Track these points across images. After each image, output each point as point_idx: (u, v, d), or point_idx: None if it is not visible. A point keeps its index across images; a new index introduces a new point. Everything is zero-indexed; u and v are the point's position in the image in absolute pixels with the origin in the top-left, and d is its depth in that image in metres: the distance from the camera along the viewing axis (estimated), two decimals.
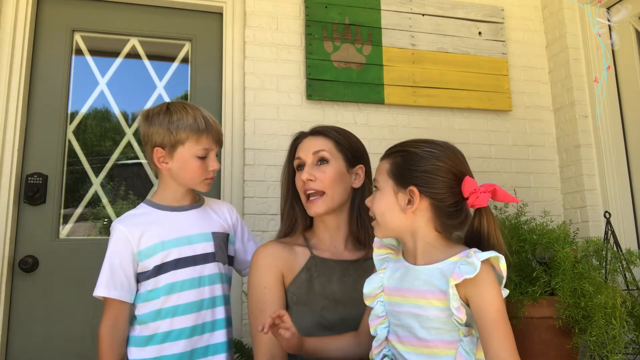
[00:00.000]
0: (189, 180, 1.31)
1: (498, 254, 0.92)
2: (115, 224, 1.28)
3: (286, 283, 1.28)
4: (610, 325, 1.27)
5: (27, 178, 1.95)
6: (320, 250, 1.32)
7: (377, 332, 1.04)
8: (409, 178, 1.00)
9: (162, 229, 1.28)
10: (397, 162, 1.03)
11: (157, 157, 1.29)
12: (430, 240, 1.01)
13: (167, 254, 1.26)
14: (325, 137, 1.33)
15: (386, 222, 1.03)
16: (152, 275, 1.25)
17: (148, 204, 1.33)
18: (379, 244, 1.11)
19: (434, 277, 0.96)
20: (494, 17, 2.47)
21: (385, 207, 1.02)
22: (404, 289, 1.00)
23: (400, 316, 1.00)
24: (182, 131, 1.27)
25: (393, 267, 1.06)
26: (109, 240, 1.27)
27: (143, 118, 1.32)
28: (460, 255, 0.95)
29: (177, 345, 1.24)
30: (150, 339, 1.24)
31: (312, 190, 1.27)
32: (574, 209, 2.33)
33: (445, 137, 2.25)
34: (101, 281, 1.23)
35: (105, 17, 2.16)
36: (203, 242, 1.32)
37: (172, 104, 1.32)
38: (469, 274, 0.89)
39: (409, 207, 0.99)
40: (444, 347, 0.94)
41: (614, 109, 2.32)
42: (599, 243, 1.53)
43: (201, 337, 1.28)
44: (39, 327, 1.89)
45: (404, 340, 0.99)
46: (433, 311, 0.94)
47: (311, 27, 2.19)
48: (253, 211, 2.03)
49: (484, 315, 0.90)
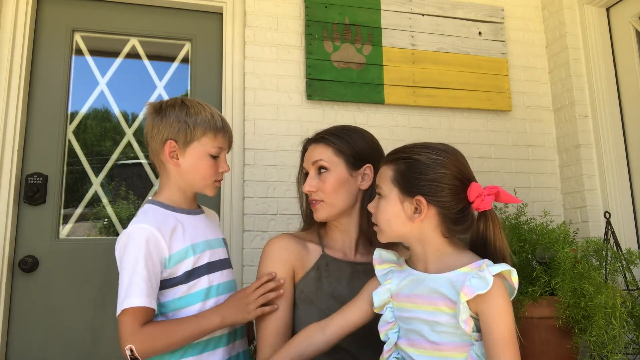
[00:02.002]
0: (199, 180, 1.23)
1: (510, 267, 0.92)
2: (137, 224, 1.14)
3: (296, 279, 1.27)
4: (610, 325, 1.27)
5: (27, 178, 1.95)
6: (332, 249, 1.31)
7: (389, 336, 1.04)
8: (415, 187, 0.99)
9: (188, 232, 1.19)
10: (401, 170, 1.01)
11: (169, 152, 1.20)
12: (439, 245, 1.01)
13: (198, 258, 1.19)
14: (324, 144, 1.31)
15: (392, 229, 1.02)
16: (184, 281, 1.16)
17: (158, 204, 1.22)
18: (379, 260, 1.10)
19: (443, 286, 0.95)
20: (494, 17, 2.47)
21: (390, 215, 1.01)
22: (414, 295, 1.00)
23: (410, 321, 1.00)
24: (199, 126, 1.20)
25: (399, 276, 1.05)
26: (129, 244, 1.12)
27: (153, 110, 1.23)
28: (471, 267, 0.95)
29: (216, 355, 1.18)
30: (187, 350, 1.15)
31: (314, 200, 1.29)
32: (574, 209, 2.33)
33: (445, 137, 2.28)
34: (137, 289, 1.07)
35: (105, 17, 2.16)
36: (220, 248, 1.29)
37: (187, 99, 1.25)
38: (480, 290, 0.89)
39: (416, 215, 0.99)
40: (455, 351, 0.94)
41: (614, 109, 2.32)
42: (599, 243, 1.53)
43: (234, 344, 1.24)
44: (39, 327, 1.89)
45: (416, 344, 0.99)
46: (444, 317, 0.94)
47: (311, 27, 2.19)
48: (253, 211, 2.03)
49: (493, 334, 0.90)
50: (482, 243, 0.99)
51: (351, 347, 1.19)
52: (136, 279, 1.08)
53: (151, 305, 1.09)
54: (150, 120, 1.24)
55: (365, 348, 1.19)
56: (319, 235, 1.35)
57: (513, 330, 0.91)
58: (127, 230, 1.14)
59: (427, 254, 1.01)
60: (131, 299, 1.07)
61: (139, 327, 1.07)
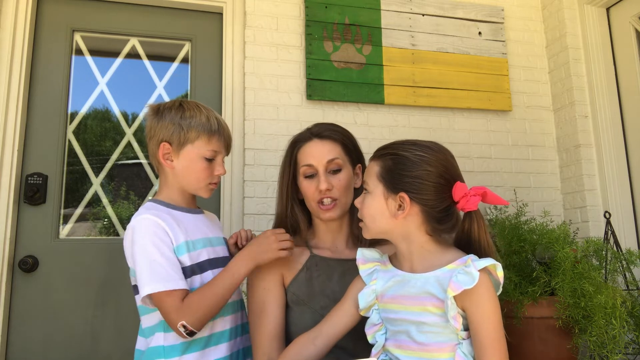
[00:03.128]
0: (193, 182, 1.24)
1: (495, 261, 0.92)
2: (139, 216, 1.15)
3: (286, 283, 1.28)
4: (610, 325, 1.27)
5: (27, 178, 1.95)
6: (320, 249, 1.32)
7: (376, 339, 1.04)
8: (400, 183, 0.98)
9: (185, 229, 1.20)
10: (388, 166, 1.01)
11: (163, 153, 1.23)
12: (423, 243, 1.00)
13: (197, 255, 1.19)
14: (334, 141, 1.30)
15: (376, 226, 1.02)
16: (187, 276, 1.17)
17: (158, 202, 1.24)
18: (363, 260, 1.09)
19: (431, 285, 0.95)
20: (494, 17, 2.47)
21: (375, 211, 1.01)
22: (400, 296, 1.00)
23: (397, 322, 1.00)
24: (193, 129, 1.21)
25: (384, 277, 1.05)
26: (135, 234, 1.13)
27: (153, 111, 1.26)
28: (457, 263, 0.95)
29: (219, 350, 1.19)
30: (190, 346, 1.15)
31: (329, 199, 1.25)
32: (574, 209, 2.33)
33: (445, 137, 2.28)
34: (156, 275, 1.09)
35: (105, 17, 2.16)
36: (221, 246, 1.30)
37: (186, 101, 1.27)
38: (467, 285, 0.88)
39: (399, 212, 0.99)
40: (442, 351, 0.94)
41: (614, 109, 2.32)
42: (599, 243, 1.53)
43: (235, 340, 1.25)
44: (39, 327, 1.89)
45: (403, 346, 0.98)
46: (430, 317, 0.94)
47: (311, 27, 2.19)
48: (253, 211, 2.03)
49: (481, 332, 0.90)
50: (466, 243, 0.99)
51: (347, 345, 1.19)
52: (152, 265, 1.10)
53: (178, 286, 1.10)
54: (149, 121, 1.26)
55: (363, 345, 1.20)
56: (303, 237, 1.35)
57: (501, 325, 0.91)
58: (131, 223, 1.16)
59: (412, 251, 1.01)
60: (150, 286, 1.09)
61: (180, 303, 1.09)
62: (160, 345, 1.15)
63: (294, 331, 1.24)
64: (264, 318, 1.23)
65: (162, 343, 1.15)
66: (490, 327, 0.90)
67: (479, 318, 0.91)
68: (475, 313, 0.91)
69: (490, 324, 0.90)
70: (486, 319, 0.91)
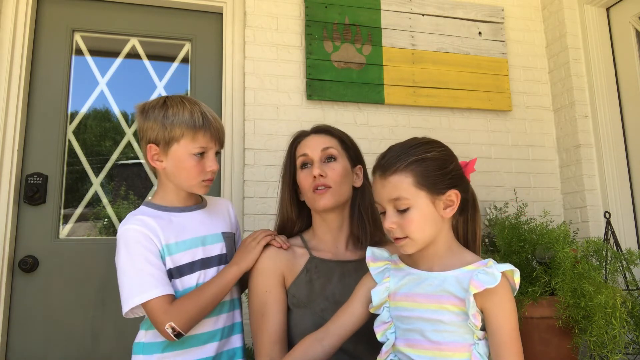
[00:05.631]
0: (185, 181, 1.22)
1: (514, 267, 0.94)
2: (125, 226, 1.16)
3: (287, 284, 1.27)
4: (610, 325, 1.27)
5: (27, 178, 1.95)
6: (319, 251, 1.32)
7: (387, 337, 1.04)
8: (443, 182, 1.00)
9: (172, 231, 1.19)
10: (422, 172, 0.99)
11: (151, 155, 1.20)
12: (448, 240, 1.03)
13: (181, 257, 1.19)
14: (331, 135, 1.35)
15: (425, 235, 0.99)
16: (174, 276, 1.18)
17: (149, 206, 1.24)
18: (372, 258, 1.09)
19: (449, 283, 0.96)
20: (494, 17, 2.47)
21: (425, 219, 0.99)
22: (415, 294, 1.00)
23: (410, 321, 1.00)
24: (177, 127, 1.18)
25: (397, 275, 1.05)
26: (120, 247, 1.15)
27: (139, 112, 1.23)
28: (477, 265, 0.96)
29: (202, 350, 1.19)
30: (170, 344, 1.17)
31: (322, 186, 1.27)
32: (574, 209, 2.33)
33: (445, 137, 2.26)
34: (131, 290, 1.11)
35: (105, 17, 2.16)
36: (216, 244, 1.27)
37: (170, 98, 1.23)
38: (489, 284, 0.90)
39: (447, 211, 1.00)
40: (457, 350, 0.94)
41: (614, 109, 2.32)
42: (599, 243, 1.53)
43: (221, 342, 1.24)
44: (39, 327, 1.89)
45: (415, 344, 0.98)
46: (448, 315, 0.95)
47: (311, 27, 2.19)
48: (253, 211, 2.03)
49: (499, 332, 0.92)
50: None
51: (348, 347, 1.19)
52: (126, 280, 1.13)
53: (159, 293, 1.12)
54: (138, 122, 1.24)
55: (363, 347, 1.20)
56: (303, 239, 1.35)
57: (517, 329, 0.93)
58: (118, 233, 1.18)
59: (437, 251, 1.02)
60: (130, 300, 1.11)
61: (168, 306, 1.12)
62: (141, 341, 1.19)
63: (295, 334, 1.23)
64: (265, 320, 1.22)
65: (141, 340, 1.19)
66: (509, 328, 0.92)
67: (499, 318, 0.92)
68: (496, 313, 0.92)
69: (509, 324, 0.92)
70: (506, 319, 0.92)
